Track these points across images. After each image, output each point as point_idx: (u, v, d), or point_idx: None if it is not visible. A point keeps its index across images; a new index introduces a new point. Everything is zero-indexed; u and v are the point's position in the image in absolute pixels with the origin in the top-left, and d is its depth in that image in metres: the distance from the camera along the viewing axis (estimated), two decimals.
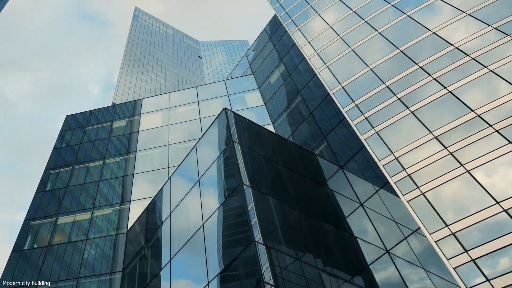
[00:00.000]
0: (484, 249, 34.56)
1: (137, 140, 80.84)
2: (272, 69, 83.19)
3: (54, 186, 75.57)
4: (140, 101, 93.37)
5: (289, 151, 55.51)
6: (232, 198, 42.34)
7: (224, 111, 53.12)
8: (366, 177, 50.77)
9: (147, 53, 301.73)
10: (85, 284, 57.67)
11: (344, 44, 60.74)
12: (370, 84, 52.85)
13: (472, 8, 51.62)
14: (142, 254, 55.19)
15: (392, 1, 61.04)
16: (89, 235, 64.18)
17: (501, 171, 37.56)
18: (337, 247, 44.25)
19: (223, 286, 37.60)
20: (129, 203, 67.40)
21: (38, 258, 62.60)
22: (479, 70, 44.68)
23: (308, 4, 75.02)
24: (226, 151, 47.90)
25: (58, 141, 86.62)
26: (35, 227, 68.63)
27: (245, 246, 36.70)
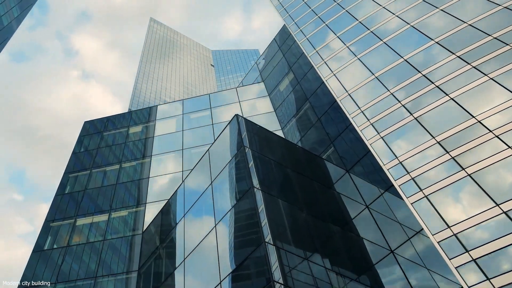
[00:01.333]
0: (485, 249, 34.62)
1: (152, 145, 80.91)
2: (281, 77, 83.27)
3: (72, 189, 75.74)
4: (155, 107, 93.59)
5: (297, 156, 55.67)
6: (243, 200, 42.58)
7: (236, 117, 53.38)
8: (371, 181, 50.86)
9: (162, 61, 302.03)
10: (103, 283, 57.86)
11: (350, 53, 60.76)
12: (376, 92, 52.86)
13: (471, 19, 51.63)
14: (157, 254, 55.40)
15: (397, 13, 61.06)
16: (106, 236, 64.35)
17: (500, 174, 37.56)
18: (343, 247, 44.52)
19: (234, 285, 37.84)
20: (144, 205, 67.50)
21: (57, 258, 62.78)
22: (480, 78, 44.70)
23: (316, 15, 75.14)
24: (238, 156, 48.07)
25: (77, 146, 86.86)
26: (55, 228, 68.84)
27: (256, 247, 37.05)
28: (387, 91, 51.73)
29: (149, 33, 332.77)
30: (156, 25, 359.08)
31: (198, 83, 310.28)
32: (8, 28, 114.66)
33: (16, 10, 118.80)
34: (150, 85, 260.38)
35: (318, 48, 66.75)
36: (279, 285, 33.06)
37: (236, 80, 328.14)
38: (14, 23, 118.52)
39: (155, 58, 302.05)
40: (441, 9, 56.10)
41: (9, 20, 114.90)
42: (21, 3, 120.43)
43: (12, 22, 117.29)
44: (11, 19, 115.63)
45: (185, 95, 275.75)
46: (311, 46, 68.46)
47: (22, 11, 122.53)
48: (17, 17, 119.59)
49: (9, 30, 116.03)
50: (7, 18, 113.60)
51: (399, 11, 61.07)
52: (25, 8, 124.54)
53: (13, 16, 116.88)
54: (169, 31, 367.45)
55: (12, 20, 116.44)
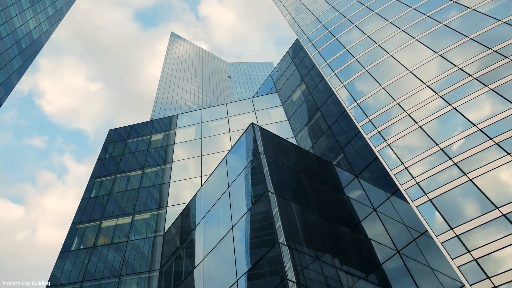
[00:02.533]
0: (485, 249, 34.67)
1: (173, 151, 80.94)
2: (294, 87, 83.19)
3: (98, 193, 76.14)
4: (175, 116, 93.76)
5: (309, 162, 55.70)
6: (259, 204, 42.80)
7: (251, 125, 53.64)
8: (379, 185, 50.84)
9: (182, 73, 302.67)
10: (126, 281, 58.08)
11: (359, 65, 60.77)
12: (383, 101, 52.88)
13: (474, 33, 51.76)
14: (177, 254, 55.52)
15: (403, 27, 61.20)
16: (129, 237, 64.65)
17: (500, 179, 37.71)
18: (352, 248, 44.40)
19: (250, 283, 38.04)
20: (165, 208, 67.62)
21: (84, 258, 63.10)
22: (480, 89, 44.83)
23: (326, 29, 75.21)
24: (253, 162, 48.28)
25: (102, 153, 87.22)
26: (82, 230, 69.27)
27: (270, 247, 37.35)
28: (393, 101, 51.81)
29: (170, 46, 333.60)
30: (176, 39, 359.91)
31: (216, 93, 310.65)
32: (38, 41, 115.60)
33: (45, 24, 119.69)
34: (171, 95, 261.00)
35: (328, 61, 66.79)
36: (292, 283, 33.23)
37: (252, 91, 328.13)
38: (43, 37, 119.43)
39: (176, 70, 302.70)
40: (445, 24, 56.26)
41: (39, 34, 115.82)
42: (49, 19, 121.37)
43: (42, 36, 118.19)
44: (40, 33, 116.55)
45: (204, 104, 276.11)
46: (322, 58, 68.49)
47: (50, 26, 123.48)
48: (46, 31, 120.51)
49: (39, 43, 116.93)
50: (37, 32, 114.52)
51: (405, 25, 61.25)
52: (54, 23, 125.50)
53: (43, 30, 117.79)
54: (189, 44, 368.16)
55: (41, 34, 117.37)
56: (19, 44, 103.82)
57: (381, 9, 68.90)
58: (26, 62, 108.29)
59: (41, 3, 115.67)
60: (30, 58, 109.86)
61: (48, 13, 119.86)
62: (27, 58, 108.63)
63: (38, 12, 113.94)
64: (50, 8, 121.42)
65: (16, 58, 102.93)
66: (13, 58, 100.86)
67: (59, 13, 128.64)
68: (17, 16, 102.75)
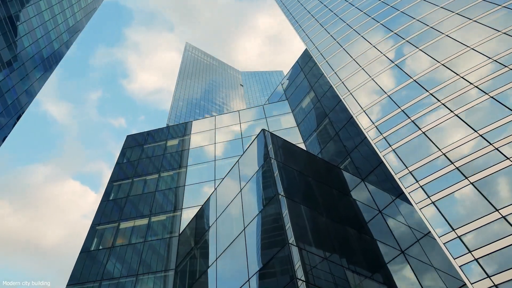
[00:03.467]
0: (486, 250, 34.72)
1: (187, 156, 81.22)
2: (303, 95, 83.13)
3: (116, 196, 76.35)
4: (190, 123, 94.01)
5: (318, 166, 55.76)
6: (269, 206, 42.99)
7: (262, 131, 53.85)
8: (384, 188, 50.87)
9: (196, 81, 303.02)
10: (143, 280, 58.27)
11: (365, 74, 60.79)
12: (388, 108, 52.96)
13: (475, 43, 51.87)
14: (192, 254, 55.64)
15: (407, 38, 61.28)
16: (146, 238, 64.87)
17: (500, 183, 37.81)
18: (359, 248, 44.48)
19: (261, 282, 38.18)
20: (180, 211, 67.72)
21: (103, 258, 63.33)
22: (481, 97, 44.93)
23: (334, 40, 75.27)
24: (264, 166, 48.52)
25: (120, 158, 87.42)
26: (100, 231, 69.52)
27: (281, 247, 37.66)
28: (398, 108, 51.86)
29: (185, 56, 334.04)
30: (191, 48, 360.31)
31: (228, 101, 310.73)
32: (59, 51, 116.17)
33: (66, 35, 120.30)
34: (186, 103, 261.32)
35: (336, 70, 66.82)
36: (302, 282, 33.55)
37: (263, 98, 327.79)
38: (64, 47, 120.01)
39: (191, 78, 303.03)
40: (447, 35, 56.35)
41: (60, 44, 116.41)
42: (69, 29, 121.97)
43: (62, 46, 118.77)
44: (61, 43, 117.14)
45: (217, 111, 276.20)
46: (330, 68, 68.50)
47: (71, 36, 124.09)
48: (66, 42, 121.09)
49: (60, 53, 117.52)
50: (58, 42, 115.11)
51: (409, 36, 61.36)
52: (74, 34, 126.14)
53: (63, 40, 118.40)
54: (203, 54, 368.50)
55: (62, 44, 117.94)
56: (41, 54, 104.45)
57: (386, 20, 68.97)
58: (47, 71, 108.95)
59: (61, 15, 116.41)
60: (51, 68, 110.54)
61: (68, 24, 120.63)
62: (48, 67, 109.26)
63: (59, 24, 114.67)
64: (71, 19, 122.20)
65: (38, 67, 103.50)
66: (35, 67, 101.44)
67: (80, 24, 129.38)
68: (39, 27, 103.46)
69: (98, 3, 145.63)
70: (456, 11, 58.86)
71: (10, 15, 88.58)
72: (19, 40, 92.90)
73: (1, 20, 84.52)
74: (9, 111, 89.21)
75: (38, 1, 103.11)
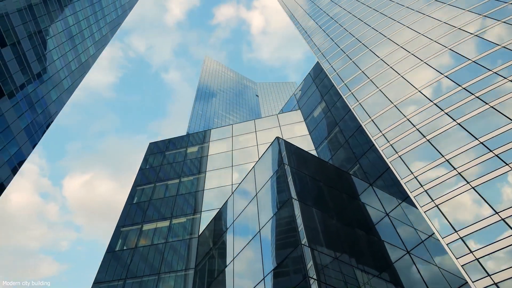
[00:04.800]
0: (486, 250, 35.02)
1: (206, 162, 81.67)
2: (315, 105, 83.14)
3: (139, 199, 76.67)
4: (209, 131, 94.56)
5: (328, 171, 55.66)
6: (283, 209, 43.13)
7: (277, 139, 54.09)
8: (391, 192, 50.95)
9: (214, 92, 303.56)
10: (165, 278, 58.52)
11: (372, 85, 60.87)
12: (394, 118, 53.05)
13: (475, 56, 52.02)
14: (210, 254, 56.07)
15: (412, 51, 61.48)
16: (168, 239, 65.33)
17: (499, 187, 38.00)
18: (367, 249, 44.31)
19: (276, 280, 38.25)
20: (200, 213, 68.03)
21: (127, 258, 63.68)
22: (482, 107, 45.12)
23: (344, 53, 75.41)
24: (278, 171, 48.70)
25: (143, 164, 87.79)
26: (125, 233, 69.84)
27: (294, 248, 37.79)
28: (404, 117, 52.12)
29: (203, 69, 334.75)
30: (209, 61, 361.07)
31: (245, 110, 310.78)
32: (85, 64, 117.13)
33: (92, 48, 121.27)
34: (205, 111, 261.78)
35: (346, 81, 66.94)
36: (313, 281, 33.77)
37: (277, 108, 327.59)
38: (90, 60, 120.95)
39: (210, 89, 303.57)
40: (450, 48, 56.54)
41: (86, 57, 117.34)
42: (96, 43, 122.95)
43: (89, 59, 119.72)
44: (88, 56, 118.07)
45: (234, 120, 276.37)
46: (340, 79, 68.59)
47: (97, 50, 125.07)
48: (93, 54, 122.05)
49: (87, 66, 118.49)
50: (85, 55, 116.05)
51: (415, 49, 61.52)
52: (100, 47, 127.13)
53: (90, 54, 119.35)
54: (221, 66, 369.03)
55: (89, 57, 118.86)
56: (69, 66, 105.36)
57: (393, 34, 69.21)
58: (76, 82, 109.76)
59: (88, 30, 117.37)
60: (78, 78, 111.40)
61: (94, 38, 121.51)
62: (76, 78, 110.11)
63: (85, 38, 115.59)
64: (97, 33, 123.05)
65: (66, 78, 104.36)
66: (63, 79, 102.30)
67: (105, 38, 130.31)
68: (67, 41, 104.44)
69: (122, 18, 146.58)
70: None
71: (40, 30, 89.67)
72: (48, 53, 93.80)
73: (31, 34, 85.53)
74: (39, 120, 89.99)
75: (67, 17, 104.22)
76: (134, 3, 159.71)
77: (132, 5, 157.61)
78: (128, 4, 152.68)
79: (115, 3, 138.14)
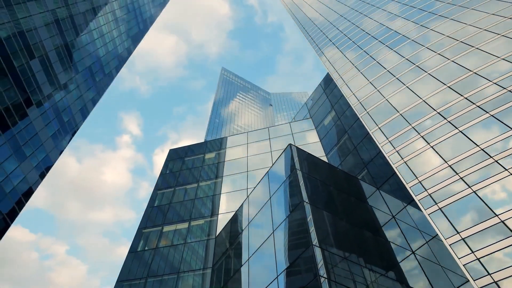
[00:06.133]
0: (487, 250, 35.21)
1: (223, 168, 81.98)
2: (325, 114, 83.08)
3: (160, 202, 77.05)
4: (225, 138, 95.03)
5: (338, 176, 55.46)
6: (295, 212, 43.33)
7: (289, 146, 54.31)
8: (397, 196, 50.93)
9: (230, 101, 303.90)
10: (184, 277, 58.68)
11: (380, 95, 60.95)
12: (400, 125, 53.17)
13: (477, 67, 52.17)
14: (227, 254, 56.14)
15: (417, 63, 61.68)
16: (187, 240, 65.40)
17: (499, 191, 38.18)
18: (374, 249, 44.19)
19: (288, 279, 38.39)
20: (217, 216, 68.13)
21: (148, 258, 64.07)
22: (481, 115, 45.31)
23: (353, 65, 75.50)
24: (291, 176, 48.88)
25: (164, 169, 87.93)
26: (146, 234, 70.06)
27: (305, 248, 38.07)
28: (409, 125, 52.29)
29: (221, 79, 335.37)
30: (226, 72, 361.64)
31: (259, 118, 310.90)
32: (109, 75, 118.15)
33: (115, 61, 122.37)
34: (222, 120, 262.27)
35: (354, 91, 67.02)
36: (324, 279, 33.85)
37: (290, 116, 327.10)
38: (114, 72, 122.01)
39: (226, 98, 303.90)
40: (453, 60, 56.68)
41: (110, 69, 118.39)
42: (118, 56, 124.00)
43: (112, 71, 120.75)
44: (111, 68, 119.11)
45: (249, 128, 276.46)
46: (349, 90, 68.66)
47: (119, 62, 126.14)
48: (116, 67, 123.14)
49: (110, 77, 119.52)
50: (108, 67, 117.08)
51: (420, 61, 61.64)
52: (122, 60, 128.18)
53: (113, 65, 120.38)
54: (236, 77, 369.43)
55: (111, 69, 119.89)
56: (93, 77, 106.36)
57: (399, 47, 69.46)
58: (99, 93, 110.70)
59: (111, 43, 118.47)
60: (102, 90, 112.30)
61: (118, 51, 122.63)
62: (100, 90, 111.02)
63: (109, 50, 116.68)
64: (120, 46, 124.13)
65: (91, 89, 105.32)
66: (88, 89, 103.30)
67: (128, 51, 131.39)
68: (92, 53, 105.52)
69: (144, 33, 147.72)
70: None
71: (66, 43, 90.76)
72: (74, 65, 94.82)
73: (58, 47, 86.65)
74: (65, 128, 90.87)
75: (91, 31, 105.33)
76: (154, 19, 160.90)
77: (153, 21, 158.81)
78: (149, 19, 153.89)
79: (136, 18, 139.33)
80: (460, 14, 66.04)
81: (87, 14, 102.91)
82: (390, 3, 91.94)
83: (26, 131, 75.09)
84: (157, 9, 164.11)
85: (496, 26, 56.74)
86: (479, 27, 59.10)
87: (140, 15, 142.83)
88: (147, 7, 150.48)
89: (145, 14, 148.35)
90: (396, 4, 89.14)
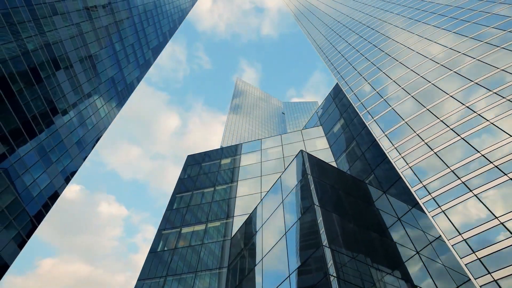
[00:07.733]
0: (487, 250, 35.33)
1: (238, 172, 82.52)
2: (335, 122, 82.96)
3: (179, 205, 77.72)
4: (240, 145, 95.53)
5: (347, 181, 55.35)
6: (306, 214, 43.70)
7: (301, 152, 54.68)
8: (402, 199, 50.95)
9: (245, 110, 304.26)
10: (201, 276, 59.01)
11: (386, 104, 61.03)
12: (405, 132, 53.28)
13: (479, 78, 52.29)
14: (242, 255, 56.20)
15: (422, 73, 61.77)
16: (204, 241, 65.75)
17: (499, 194, 38.31)
18: (381, 249, 44.12)
19: (299, 278, 38.56)
20: (232, 218, 68.57)
21: (167, 257, 64.69)
22: (483, 123, 45.43)
23: (360, 76, 75.48)
24: (302, 181, 49.19)
25: (182, 174, 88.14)
26: (165, 235, 70.75)
27: (316, 249, 38.28)
28: (413, 132, 52.40)
29: (236, 89, 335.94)
30: (240, 82, 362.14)
31: (272, 126, 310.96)
32: (130, 85, 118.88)
33: (137, 71, 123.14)
34: (237, 127, 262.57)
35: (362, 100, 67.08)
36: (333, 278, 34.05)
37: (301, 124, 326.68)
38: (135, 82, 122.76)
39: (241, 107, 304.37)
40: (454, 71, 56.79)
41: (131, 79, 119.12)
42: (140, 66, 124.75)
43: (134, 81, 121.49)
44: (132, 78, 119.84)
45: (263, 135, 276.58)
46: (357, 99, 68.84)
47: (141, 72, 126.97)
48: (137, 77, 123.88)
49: (131, 87, 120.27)
50: (130, 77, 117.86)
51: (423, 72, 61.82)
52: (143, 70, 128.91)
53: (134, 76, 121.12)
54: (250, 87, 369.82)
55: (133, 79, 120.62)
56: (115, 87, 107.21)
57: (405, 59, 69.60)
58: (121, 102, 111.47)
59: (133, 54, 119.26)
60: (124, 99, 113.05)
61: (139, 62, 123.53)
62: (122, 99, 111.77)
63: (131, 62, 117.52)
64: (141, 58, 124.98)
65: (113, 98, 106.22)
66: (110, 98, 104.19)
67: (148, 62, 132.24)
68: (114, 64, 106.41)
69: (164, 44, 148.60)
70: None
71: (90, 55, 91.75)
72: (97, 76, 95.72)
73: (83, 59, 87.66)
74: (90, 134, 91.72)
75: (114, 43, 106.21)
76: (174, 31, 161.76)
77: (172, 33, 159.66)
78: (169, 32, 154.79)
79: (156, 31, 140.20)
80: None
81: (109, 27, 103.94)
82: (395, 17, 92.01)
83: (52, 138, 75.97)
84: (175, 23, 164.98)
85: (496, 38, 56.78)
86: (479, 40, 59.23)
87: (160, 29, 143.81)
88: (166, 21, 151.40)
89: (164, 27, 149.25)
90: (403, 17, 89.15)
